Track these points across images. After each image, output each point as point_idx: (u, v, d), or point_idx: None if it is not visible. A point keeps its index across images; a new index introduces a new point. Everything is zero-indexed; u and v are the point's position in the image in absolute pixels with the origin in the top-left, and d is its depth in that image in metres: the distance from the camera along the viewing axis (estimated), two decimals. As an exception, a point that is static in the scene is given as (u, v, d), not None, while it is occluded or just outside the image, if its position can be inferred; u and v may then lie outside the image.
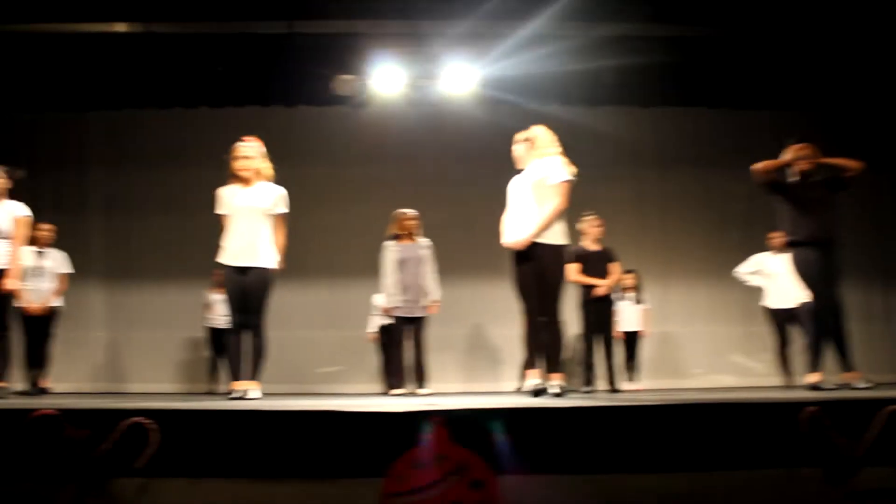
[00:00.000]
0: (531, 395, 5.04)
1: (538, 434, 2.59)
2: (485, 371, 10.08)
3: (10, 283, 5.89)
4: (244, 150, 5.47)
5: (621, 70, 8.84)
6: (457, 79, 9.10)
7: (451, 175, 10.07)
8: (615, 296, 8.35)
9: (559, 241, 5.21)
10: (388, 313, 7.70)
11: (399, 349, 7.58)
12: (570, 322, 7.20)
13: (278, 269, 5.52)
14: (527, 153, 5.39)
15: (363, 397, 7.17)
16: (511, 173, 5.45)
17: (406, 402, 4.05)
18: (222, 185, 5.52)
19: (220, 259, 5.40)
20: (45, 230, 7.99)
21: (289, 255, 5.79)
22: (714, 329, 10.20)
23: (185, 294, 10.27)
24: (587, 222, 8.04)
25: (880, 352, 9.01)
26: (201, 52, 8.75)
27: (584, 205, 7.79)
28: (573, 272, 7.72)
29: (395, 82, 9.19)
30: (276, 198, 5.46)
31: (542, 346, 5.32)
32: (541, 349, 5.32)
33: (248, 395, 5.24)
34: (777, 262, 8.16)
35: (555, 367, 5.21)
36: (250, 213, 5.39)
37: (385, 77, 9.06)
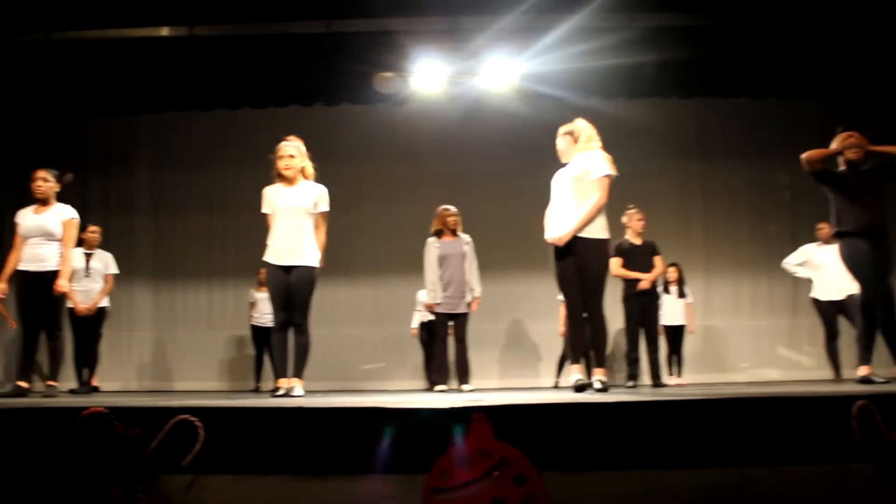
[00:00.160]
0: (574, 391, 5.01)
1: (581, 430, 2.58)
2: (523, 367, 10.07)
3: (61, 285, 5.99)
4: (287, 149, 5.48)
5: (663, 62, 8.72)
6: (497, 74, 9.07)
7: (492, 170, 10.06)
8: (658, 290, 8.27)
9: (601, 235, 5.16)
10: (430, 310, 7.70)
11: (443, 345, 7.58)
12: (613, 317, 7.15)
13: (321, 267, 5.54)
14: (568, 147, 5.36)
15: (406, 394, 7.19)
16: (552, 168, 5.41)
17: (449, 398, 4.04)
18: (265, 184, 5.56)
19: (265, 258, 5.44)
20: (93, 232, 8.11)
21: (332, 253, 5.82)
22: (759, 322, 10.08)
23: (229, 293, 10.42)
24: (630, 216, 7.99)
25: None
26: (242, 54, 8.83)
27: (627, 198, 7.74)
28: (616, 266, 7.67)
29: (436, 79, 9.19)
30: (318, 196, 5.47)
31: (584, 341, 5.29)
32: (583, 344, 5.29)
33: (293, 392, 5.27)
34: (825, 253, 8.05)
35: (598, 362, 5.18)
36: (294, 212, 5.41)
37: (426, 73, 9.06)
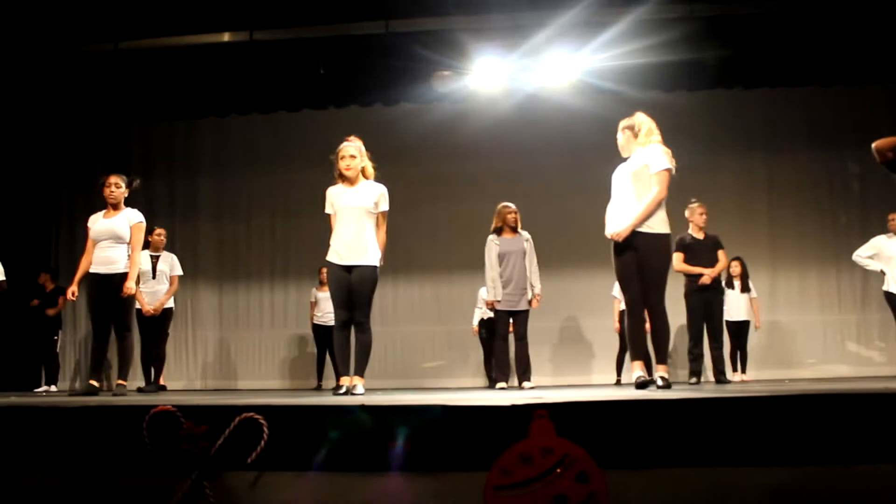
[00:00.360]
0: (636, 388, 4.97)
1: (644, 427, 2.56)
2: (576, 364, 10.02)
3: (129, 287, 6.15)
4: (348, 149, 5.52)
5: (725, 52, 8.56)
6: (556, 70, 9.02)
7: (551, 167, 10.03)
8: (722, 284, 8.14)
9: (662, 230, 5.10)
10: (490, 307, 7.70)
11: (503, 343, 7.57)
12: (676, 313, 7.07)
13: (382, 266, 5.57)
14: (628, 142, 5.31)
15: (468, 391, 7.21)
16: (612, 164, 5.37)
17: (510, 395, 4.04)
18: (326, 185, 5.62)
19: (327, 257, 5.50)
20: (159, 235, 8.29)
21: (392, 252, 5.86)
22: (827, 317, 9.86)
23: (291, 293, 10.57)
24: (692, 210, 7.88)
25: None
26: (302, 57, 8.94)
27: (689, 192, 7.65)
28: (678, 261, 7.57)
29: (494, 76, 9.18)
30: (378, 196, 5.50)
31: (644, 337, 5.24)
32: (644, 340, 5.24)
33: (355, 390, 5.33)
34: (897, 245, 7.84)
35: (659, 358, 5.13)
36: (355, 212, 5.45)
37: (484, 71, 9.05)
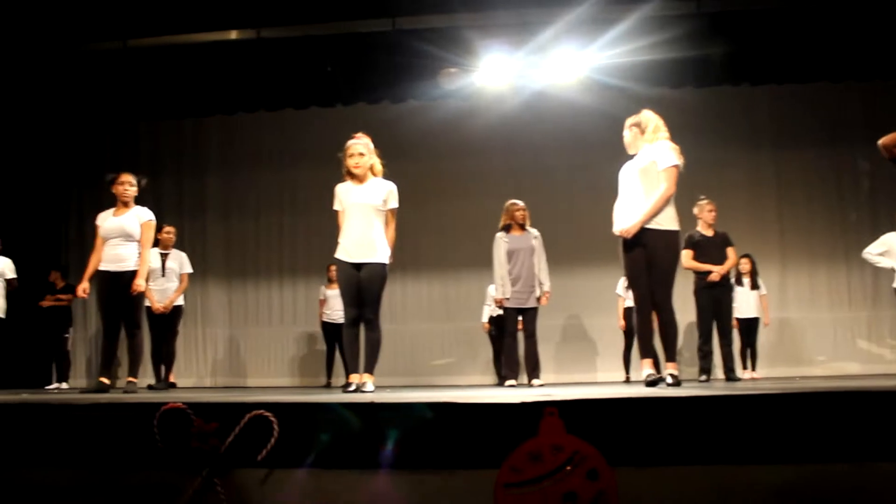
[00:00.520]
0: (645, 385, 4.96)
1: (654, 425, 2.56)
2: (580, 361, 10.00)
3: (139, 285, 6.17)
4: (356, 146, 5.50)
5: (732, 48, 8.51)
6: (563, 67, 8.99)
7: (558, 164, 10.01)
8: (731, 282, 8.12)
9: (670, 226, 5.08)
10: (499, 305, 7.68)
11: (512, 340, 7.56)
12: (685, 309, 7.04)
13: (391, 263, 5.57)
14: (635, 139, 5.29)
15: (477, 388, 7.21)
16: (619, 161, 5.36)
17: (520, 393, 4.04)
18: (335, 182, 5.60)
19: (336, 255, 5.49)
20: (168, 233, 8.31)
21: (402, 249, 5.85)
22: (837, 314, 9.82)
23: (300, 290, 10.58)
24: (701, 207, 7.84)
25: None
26: (309, 54, 8.93)
27: (698, 189, 7.62)
28: (687, 258, 7.55)
29: (501, 73, 9.15)
30: (387, 193, 5.49)
31: (653, 334, 5.22)
32: (653, 338, 5.23)
33: (364, 387, 5.33)
34: (907, 242, 7.80)
35: (668, 356, 5.12)
36: (364, 209, 5.43)
37: (491, 68, 9.02)
